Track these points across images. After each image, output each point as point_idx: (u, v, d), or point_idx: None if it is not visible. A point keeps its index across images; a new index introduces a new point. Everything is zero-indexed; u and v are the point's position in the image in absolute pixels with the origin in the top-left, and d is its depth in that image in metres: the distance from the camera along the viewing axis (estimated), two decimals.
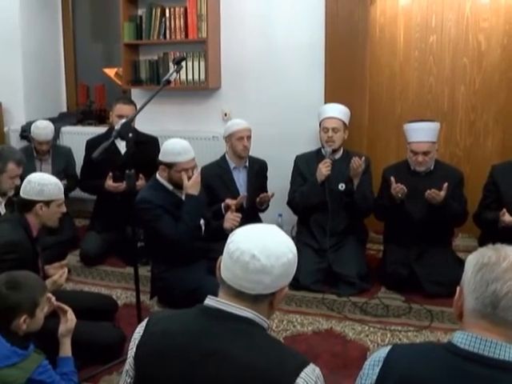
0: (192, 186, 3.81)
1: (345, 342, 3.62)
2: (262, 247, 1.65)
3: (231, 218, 3.88)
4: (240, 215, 3.85)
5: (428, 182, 4.20)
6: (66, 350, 2.95)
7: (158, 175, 3.93)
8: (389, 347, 1.65)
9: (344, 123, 4.55)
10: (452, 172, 4.41)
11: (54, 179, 3.35)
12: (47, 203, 3.27)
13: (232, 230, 2.95)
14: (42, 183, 3.26)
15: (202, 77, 5.28)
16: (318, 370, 1.63)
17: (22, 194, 3.30)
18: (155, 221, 3.85)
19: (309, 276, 4.28)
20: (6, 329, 2.58)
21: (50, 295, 2.95)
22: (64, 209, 3.41)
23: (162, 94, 3.34)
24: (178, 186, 3.88)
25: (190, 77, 5.32)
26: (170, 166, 3.83)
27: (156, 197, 3.85)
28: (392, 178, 4.20)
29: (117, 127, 3.25)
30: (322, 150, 4.58)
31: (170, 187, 3.92)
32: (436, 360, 1.55)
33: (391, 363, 1.59)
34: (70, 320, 2.97)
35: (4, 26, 5.42)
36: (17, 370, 2.50)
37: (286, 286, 1.74)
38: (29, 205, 3.27)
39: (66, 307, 3.01)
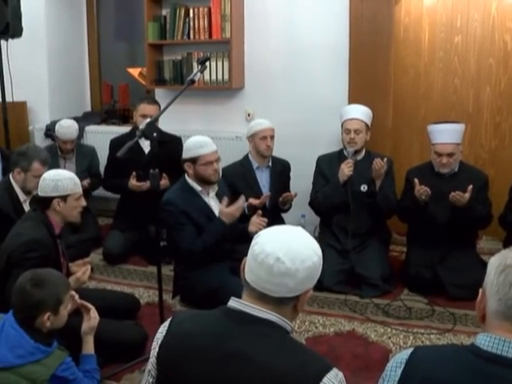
0: (228, 214, 3.83)
1: (367, 344, 3.60)
2: (286, 250, 1.64)
3: (257, 221, 3.88)
4: (266, 220, 3.84)
5: (452, 184, 4.17)
6: (89, 347, 2.97)
7: (186, 176, 3.96)
8: (411, 349, 1.64)
9: (366, 125, 4.53)
10: (476, 174, 4.36)
11: (68, 174, 3.37)
12: (64, 198, 3.28)
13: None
14: (56, 179, 3.28)
15: (226, 77, 5.30)
16: (341, 374, 1.62)
17: (38, 192, 3.33)
18: (175, 229, 3.90)
19: (331, 277, 4.25)
20: (30, 326, 2.59)
21: (73, 293, 2.97)
22: (83, 202, 3.41)
23: (186, 93, 3.35)
24: (205, 180, 3.91)
25: (213, 77, 5.34)
26: (194, 160, 3.86)
27: (183, 199, 3.87)
28: (416, 180, 4.17)
29: (141, 127, 3.26)
30: (344, 150, 4.56)
31: (199, 188, 3.94)
32: (459, 362, 1.53)
33: (414, 365, 1.58)
34: (93, 318, 2.99)
35: (29, 25, 5.45)
36: (40, 366, 2.52)
37: (310, 289, 1.73)
38: (46, 202, 3.29)
39: (90, 305, 3.03)
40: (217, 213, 3.99)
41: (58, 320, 2.68)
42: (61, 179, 3.28)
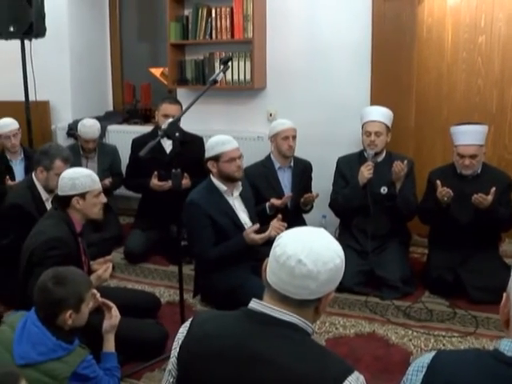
0: (252, 240, 3.81)
1: (387, 346, 3.58)
2: (308, 252, 1.63)
3: (277, 226, 3.86)
4: (285, 224, 3.83)
5: (475, 186, 4.13)
6: (110, 345, 2.99)
7: (211, 176, 3.98)
8: (433, 353, 1.61)
9: (387, 127, 4.50)
10: (500, 176, 4.32)
11: (85, 171, 3.39)
12: (82, 196, 3.30)
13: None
14: (74, 177, 3.30)
15: (248, 77, 5.30)
16: (362, 377, 1.61)
17: (58, 191, 3.35)
18: (194, 231, 3.92)
19: (351, 277, 4.23)
20: (52, 323, 2.61)
21: (95, 291, 2.99)
22: (103, 199, 3.43)
23: (208, 93, 3.36)
24: (230, 178, 3.92)
25: (235, 77, 5.34)
26: (217, 158, 3.88)
27: (207, 200, 3.89)
28: (438, 182, 4.14)
29: (163, 126, 3.27)
30: (364, 152, 4.54)
31: (224, 188, 3.95)
32: (481, 367, 1.51)
33: (436, 369, 1.56)
34: (114, 316, 3.00)
35: (53, 25, 5.50)
36: (62, 363, 2.54)
37: (332, 291, 1.72)
38: (66, 201, 3.31)
39: (111, 303, 3.04)
40: (240, 214, 4.01)
41: (79, 318, 2.70)
42: (78, 177, 3.30)
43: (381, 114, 4.50)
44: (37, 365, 2.50)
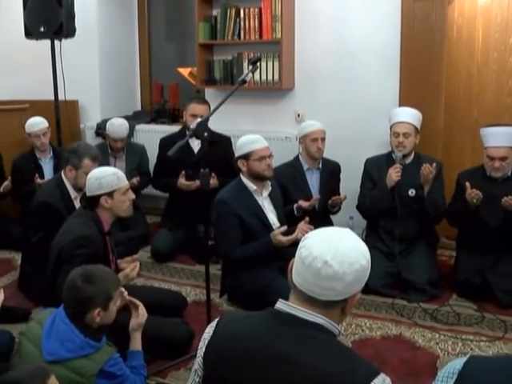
0: (279, 242, 3.80)
1: (414, 349, 3.55)
2: (334, 253, 1.62)
3: (304, 228, 3.84)
4: (312, 227, 3.81)
5: (505, 189, 4.08)
6: (137, 344, 3.00)
7: (240, 175, 3.99)
8: (464, 358, 1.59)
9: (415, 128, 4.45)
10: None
11: (111, 170, 3.41)
12: (110, 194, 3.32)
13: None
14: (100, 177, 3.32)
15: (276, 77, 5.29)
16: (388, 380, 1.60)
17: (86, 192, 3.38)
18: (221, 229, 3.93)
19: (378, 279, 4.20)
20: (81, 321, 2.64)
21: (122, 289, 3.01)
22: (131, 195, 3.44)
23: (236, 93, 3.35)
24: (260, 176, 3.93)
25: (263, 77, 5.34)
26: (247, 156, 3.90)
27: (236, 200, 3.90)
28: (467, 184, 4.10)
29: (192, 126, 3.28)
30: (393, 154, 4.50)
31: (253, 187, 3.96)
32: None
33: (467, 377, 1.53)
34: (141, 315, 3.02)
35: (82, 26, 5.55)
36: (89, 361, 2.56)
37: (358, 292, 1.71)
38: (94, 200, 3.34)
39: (138, 302, 3.06)
40: (268, 214, 4.02)
41: (107, 316, 2.72)
42: (104, 176, 3.32)
43: (410, 115, 4.46)
44: (65, 361, 2.53)
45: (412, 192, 4.40)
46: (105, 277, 2.73)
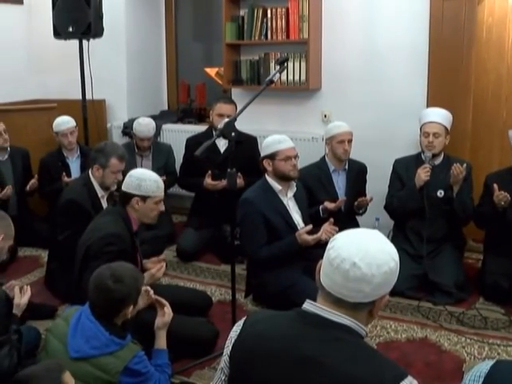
0: (304, 241, 3.80)
1: (440, 352, 3.52)
2: (363, 255, 1.62)
3: (328, 229, 3.83)
4: (337, 228, 3.79)
5: None
6: (162, 342, 3.01)
7: (266, 175, 3.99)
8: (491, 362, 1.58)
9: (446, 128, 4.41)
10: None
11: (154, 176, 3.41)
12: (144, 198, 3.34)
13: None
14: (141, 178, 3.34)
15: (303, 77, 5.28)
16: (415, 382, 1.58)
17: (122, 186, 3.40)
18: (247, 229, 3.93)
19: (404, 281, 4.15)
20: (110, 319, 2.66)
21: (148, 288, 3.03)
22: (162, 207, 3.45)
23: (262, 93, 3.35)
24: (285, 176, 3.93)
25: (290, 77, 5.33)
26: (272, 156, 3.90)
27: (261, 199, 3.91)
28: (495, 185, 4.05)
29: (220, 126, 3.29)
30: (422, 154, 4.46)
31: (278, 187, 3.96)
32: None
33: (494, 380, 1.52)
34: (167, 314, 3.03)
35: (110, 26, 5.60)
36: (114, 358, 2.58)
37: (386, 295, 1.70)
38: (127, 198, 3.36)
39: (164, 301, 3.07)
40: (293, 214, 4.01)
41: (135, 310, 2.77)
42: (145, 179, 3.34)
43: (440, 116, 4.42)
44: (90, 359, 2.55)
45: (441, 193, 4.36)
46: (132, 274, 2.76)
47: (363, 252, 1.62)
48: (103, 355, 2.56)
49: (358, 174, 4.75)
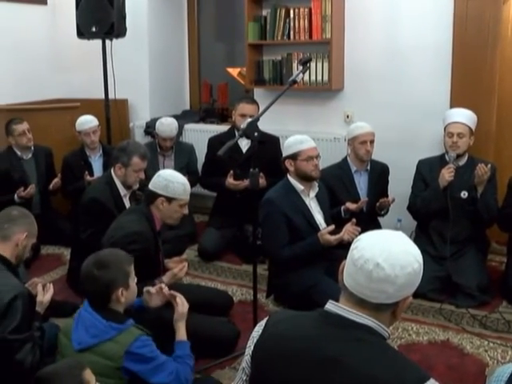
0: (326, 241, 3.79)
1: (462, 356, 3.49)
2: (386, 256, 1.61)
3: (350, 230, 3.82)
4: (359, 229, 3.78)
5: None
6: (181, 334, 2.98)
7: (288, 175, 3.99)
8: None
9: (470, 129, 4.37)
10: None
11: (182, 179, 3.42)
12: (169, 199, 3.35)
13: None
14: (169, 179, 3.35)
15: (325, 78, 5.26)
16: None
17: (150, 185, 3.42)
18: (269, 229, 3.94)
19: (426, 283, 4.12)
20: (106, 307, 2.66)
21: (162, 285, 3.03)
22: (186, 211, 3.47)
23: (285, 93, 3.36)
24: (307, 177, 3.92)
25: (312, 77, 5.31)
26: (294, 156, 3.90)
27: (283, 199, 3.91)
28: None
29: (242, 126, 3.29)
30: (446, 155, 4.43)
31: (300, 187, 3.95)
32: None
33: None
34: (180, 305, 3.00)
35: (132, 26, 5.64)
36: (114, 343, 2.56)
37: (409, 296, 1.69)
38: (153, 197, 3.37)
39: (177, 293, 3.05)
40: (315, 215, 4.01)
41: (130, 293, 2.73)
42: (173, 181, 3.36)
43: (464, 116, 4.38)
44: (92, 348, 2.56)
45: (464, 194, 4.33)
46: (117, 257, 2.74)
47: (387, 253, 1.62)
48: (103, 342, 2.56)
49: (380, 174, 4.73)
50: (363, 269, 1.62)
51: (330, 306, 1.72)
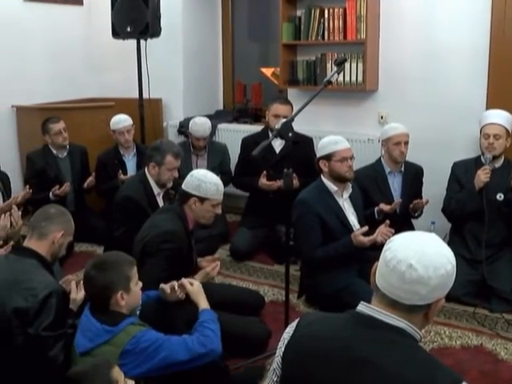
0: (359, 242, 3.77)
1: (496, 362, 3.44)
2: (419, 257, 1.60)
3: (384, 232, 3.79)
4: (393, 230, 3.75)
5: None
6: (202, 304, 2.93)
7: (321, 176, 3.98)
8: None
9: (507, 130, 4.31)
10: None
11: (215, 179, 3.41)
12: (201, 200, 3.35)
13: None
14: (201, 179, 3.35)
15: (360, 78, 5.23)
16: None
17: (183, 185, 3.42)
18: (302, 230, 3.93)
19: (460, 287, 4.08)
20: (106, 310, 2.62)
21: (183, 281, 3.01)
22: (219, 211, 3.45)
23: (319, 94, 3.35)
24: (341, 178, 3.92)
25: (347, 78, 5.28)
26: (329, 157, 3.89)
27: (317, 200, 3.90)
28: None
29: (277, 126, 3.29)
30: (482, 157, 4.38)
31: (334, 188, 3.95)
32: None
33: None
34: (186, 283, 2.97)
35: (167, 26, 5.67)
36: (110, 346, 2.52)
37: (442, 298, 1.67)
38: (185, 197, 3.38)
39: (184, 280, 3.02)
40: (349, 216, 4.00)
41: (132, 298, 2.66)
42: (205, 181, 3.35)
43: (501, 117, 4.32)
44: (90, 351, 2.53)
45: (500, 196, 4.27)
46: (117, 260, 2.69)
47: (420, 254, 1.61)
48: (99, 345, 2.53)
49: (414, 176, 4.69)
50: (396, 270, 1.61)
51: (362, 307, 1.72)
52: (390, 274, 1.63)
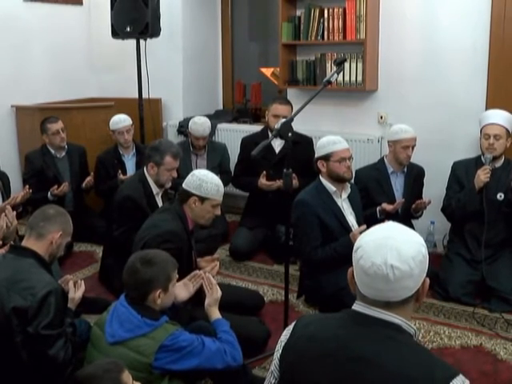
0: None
1: (495, 362, 3.43)
2: (396, 254, 1.60)
3: None
4: None
5: None
6: (216, 314, 2.98)
7: (320, 176, 3.97)
8: None
9: (507, 131, 4.30)
10: None
11: (216, 180, 3.41)
12: (202, 199, 3.35)
13: None
14: (202, 179, 3.35)
15: (359, 78, 5.22)
16: (467, 382, 1.57)
17: (183, 184, 3.42)
18: (302, 230, 3.93)
19: (459, 287, 4.13)
20: (142, 303, 2.68)
21: (201, 272, 3.02)
22: (218, 212, 3.46)
23: (318, 94, 3.34)
24: (339, 178, 3.91)
25: (346, 78, 5.28)
26: (327, 157, 3.88)
27: (316, 200, 3.89)
28: None
29: (276, 126, 3.29)
30: (482, 157, 4.38)
31: (333, 189, 3.94)
32: None
33: None
34: (215, 291, 3.00)
35: (167, 26, 5.68)
36: (148, 339, 2.58)
37: (426, 278, 1.68)
38: (186, 196, 3.38)
39: (213, 280, 3.06)
40: (348, 216, 3.99)
41: (167, 297, 2.75)
42: (206, 181, 3.35)
43: (501, 118, 4.32)
44: (125, 342, 2.58)
45: (501, 196, 4.27)
46: (163, 259, 2.77)
47: (395, 251, 1.61)
48: (137, 337, 2.58)
49: (416, 177, 4.70)
50: (378, 275, 1.61)
51: (357, 306, 1.72)
52: (373, 281, 1.63)
